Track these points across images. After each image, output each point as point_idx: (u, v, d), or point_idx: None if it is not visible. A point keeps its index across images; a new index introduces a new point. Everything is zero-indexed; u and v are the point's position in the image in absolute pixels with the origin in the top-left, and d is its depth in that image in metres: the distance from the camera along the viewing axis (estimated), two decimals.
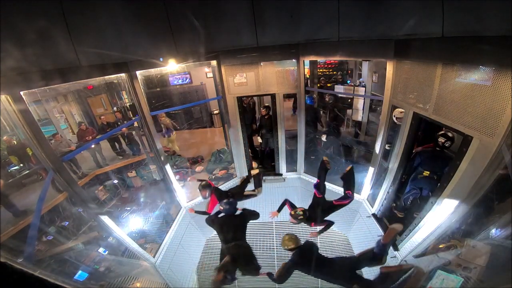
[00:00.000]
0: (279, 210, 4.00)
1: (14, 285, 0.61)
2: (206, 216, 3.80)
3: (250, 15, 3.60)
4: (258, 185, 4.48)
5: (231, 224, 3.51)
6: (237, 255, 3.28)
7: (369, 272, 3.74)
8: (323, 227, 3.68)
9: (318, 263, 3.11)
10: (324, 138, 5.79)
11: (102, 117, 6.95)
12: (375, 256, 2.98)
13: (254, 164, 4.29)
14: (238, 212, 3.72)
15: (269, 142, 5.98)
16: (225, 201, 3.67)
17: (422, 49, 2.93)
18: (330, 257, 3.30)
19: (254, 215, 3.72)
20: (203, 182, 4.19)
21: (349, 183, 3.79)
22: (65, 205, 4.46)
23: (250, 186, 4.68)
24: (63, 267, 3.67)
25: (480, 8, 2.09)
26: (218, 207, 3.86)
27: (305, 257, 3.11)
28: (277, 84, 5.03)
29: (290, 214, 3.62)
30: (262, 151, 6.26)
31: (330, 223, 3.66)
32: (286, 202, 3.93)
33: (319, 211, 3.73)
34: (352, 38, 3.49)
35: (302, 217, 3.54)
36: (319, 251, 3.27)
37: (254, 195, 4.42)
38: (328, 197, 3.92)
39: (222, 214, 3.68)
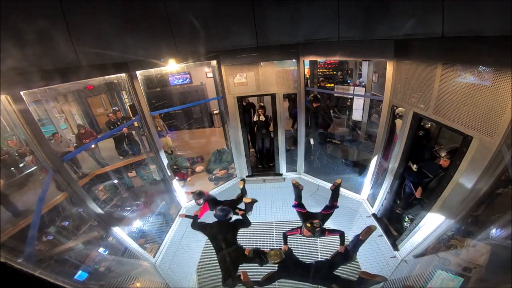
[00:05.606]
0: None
1: (14, 285, 0.61)
2: (194, 220, 3.90)
3: (250, 15, 3.60)
4: (248, 209, 4.34)
5: (224, 231, 3.60)
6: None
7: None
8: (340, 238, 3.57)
9: (299, 270, 3.37)
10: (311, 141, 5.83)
11: (110, 114, 6.98)
12: (347, 253, 3.32)
13: (247, 200, 4.33)
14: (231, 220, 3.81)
15: (265, 142, 6.00)
16: (219, 207, 3.78)
17: (422, 49, 2.93)
18: (309, 262, 3.47)
19: (246, 223, 3.85)
20: (198, 190, 4.39)
21: (337, 195, 4.02)
22: (65, 205, 4.46)
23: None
24: (63, 267, 3.66)
25: (480, 8, 2.09)
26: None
27: (289, 267, 3.35)
28: (277, 84, 5.03)
29: (306, 227, 3.54)
30: (260, 152, 6.27)
31: (342, 234, 3.57)
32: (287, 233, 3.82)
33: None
34: (352, 38, 3.49)
35: (318, 228, 3.52)
36: (297, 258, 3.53)
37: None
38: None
39: (214, 220, 3.75)
